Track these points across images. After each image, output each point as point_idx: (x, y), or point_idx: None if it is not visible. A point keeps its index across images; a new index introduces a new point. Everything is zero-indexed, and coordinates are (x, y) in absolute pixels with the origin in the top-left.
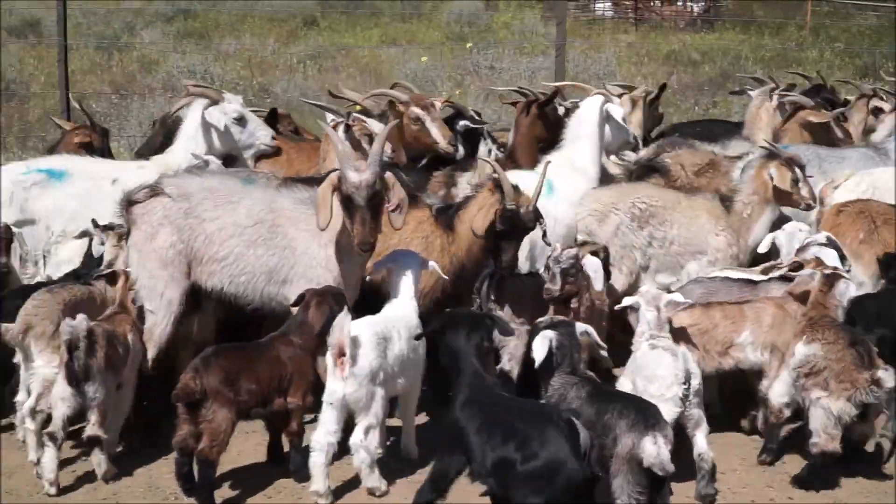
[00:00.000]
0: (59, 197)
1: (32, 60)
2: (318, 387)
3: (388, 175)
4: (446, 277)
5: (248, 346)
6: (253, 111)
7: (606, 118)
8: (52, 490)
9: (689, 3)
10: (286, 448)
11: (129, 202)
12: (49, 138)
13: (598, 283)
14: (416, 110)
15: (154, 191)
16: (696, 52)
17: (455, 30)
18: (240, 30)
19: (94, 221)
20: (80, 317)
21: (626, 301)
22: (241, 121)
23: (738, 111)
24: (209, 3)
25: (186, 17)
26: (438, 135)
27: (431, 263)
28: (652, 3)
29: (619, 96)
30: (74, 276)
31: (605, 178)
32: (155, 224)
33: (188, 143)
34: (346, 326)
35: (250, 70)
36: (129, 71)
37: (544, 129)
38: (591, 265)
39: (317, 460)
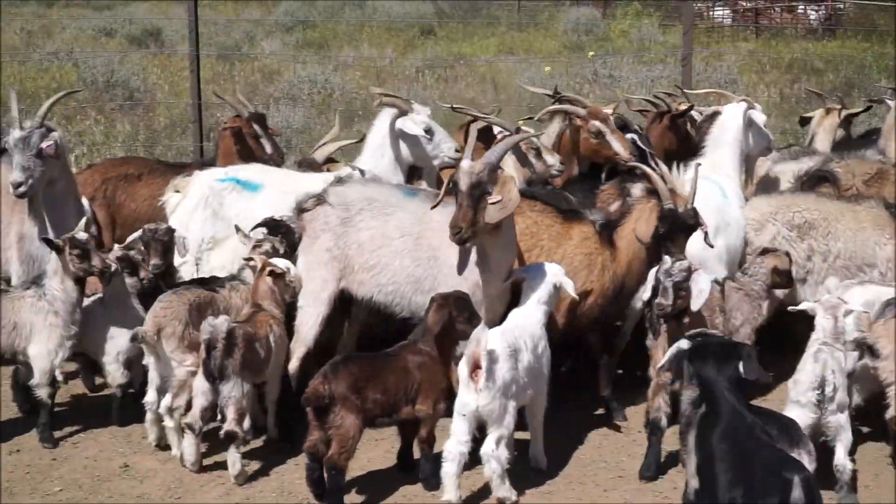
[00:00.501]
0: (251, 207)
1: (156, 70)
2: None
3: (506, 175)
4: (576, 297)
5: (377, 355)
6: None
7: (749, 124)
8: (195, 467)
9: (808, 11)
10: (416, 455)
11: (300, 210)
12: (176, 146)
13: (696, 303)
14: (597, 123)
15: (320, 199)
16: (818, 61)
17: (572, 38)
18: (358, 40)
19: (237, 227)
20: (223, 317)
21: (804, 306)
22: (428, 132)
23: (864, 120)
24: (328, 13)
25: (305, 28)
26: (620, 147)
27: (567, 283)
28: (771, 11)
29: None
30: (198, 282)
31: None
32: (317, 230)
33: (374, 154)
34: (482, 339)
35: (370, 80)
36: (251, 81)
37: (674, 140)
38: (701, 282)
39: (448, 470)
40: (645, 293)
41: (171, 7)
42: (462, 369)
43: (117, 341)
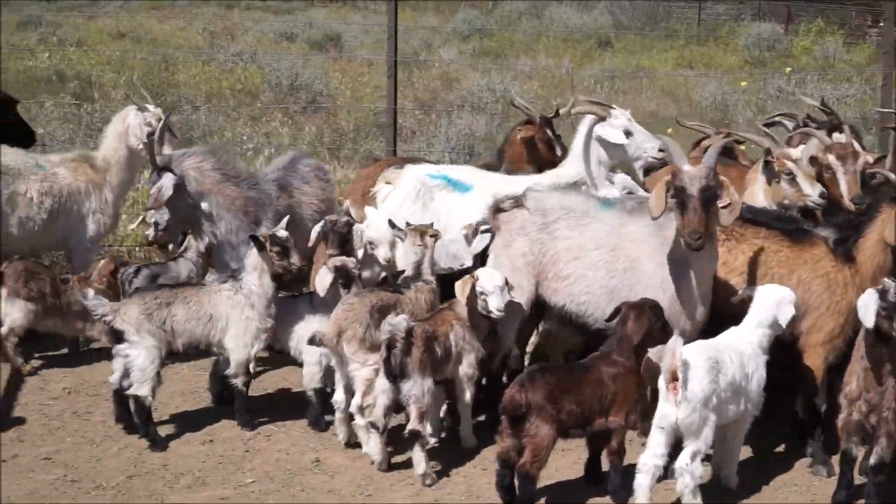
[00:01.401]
0: (461, 205)
1: (337, 74)
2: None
3: (725, 180)
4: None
5: (572, 366)
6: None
7: None
8: (382, 466)
9: None
10: (605, 467)
11: (496, 209)
12: (362, 150)
13: None
14: (830, 158)
15: (517, 202)
16: None
17: (754, 54)
18: (535, 50)
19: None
20: (402, 316)
21: None
22: (628, 134)
23: None
24: (504, 22)
25: (482, 37)
26: (845, 189)
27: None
28: None
29: None
30: (382, 283)
31: None
32: (513, 233)
33: (577, 160)
34: (677, 350)
35: (549, 90)
36: (431, 87)
37: None
38: None
39: (642, 481)
40: (867, 321)
41: (349, 13)
42: (661, 381)
43: None
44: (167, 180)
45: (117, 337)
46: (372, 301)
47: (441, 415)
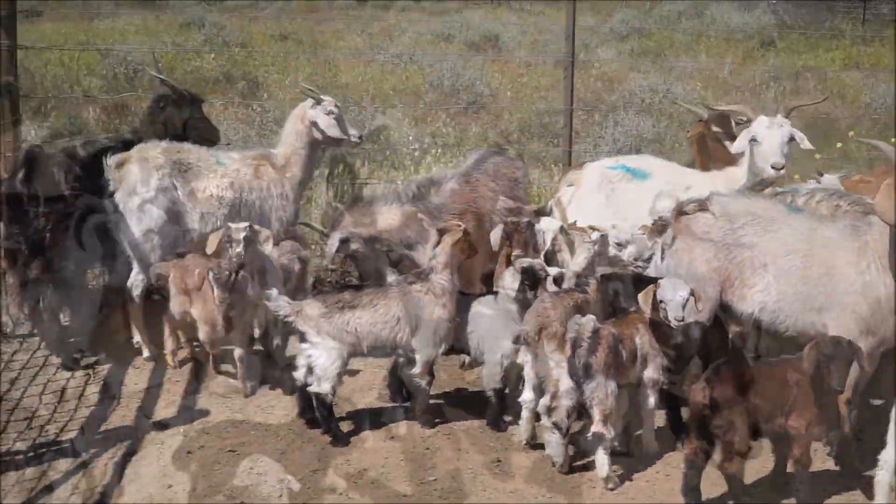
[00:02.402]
0: (639, 193)
1: (497, 74)
2: None
3: None
4: None
5: (757, 363)
6: None
7: None
8: (563, 468)
9: None
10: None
11: (679, 212)
12: (527, 150)
13: None
14: None
15: (702, 206)
16: None
17: None
18: (695, 49)
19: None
20: (589, 317)
21: None
22: (753, 142)
23: None
24: (664, 22)
25: (641, 36)
26: None
27: None
28: None
29: None
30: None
31: None
32: (696, 237)
33: (743, 162)
34: None
35: (712, 91)
36: (593, 88)
37: None
38: None
39: (881, 479)
40: None
41: (504, 13)
42: None
43: (502, 343)
44: (333, 240)
45: (301, 336)
46: (569, 302)
47: None
